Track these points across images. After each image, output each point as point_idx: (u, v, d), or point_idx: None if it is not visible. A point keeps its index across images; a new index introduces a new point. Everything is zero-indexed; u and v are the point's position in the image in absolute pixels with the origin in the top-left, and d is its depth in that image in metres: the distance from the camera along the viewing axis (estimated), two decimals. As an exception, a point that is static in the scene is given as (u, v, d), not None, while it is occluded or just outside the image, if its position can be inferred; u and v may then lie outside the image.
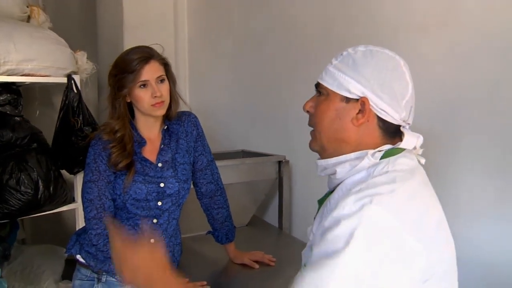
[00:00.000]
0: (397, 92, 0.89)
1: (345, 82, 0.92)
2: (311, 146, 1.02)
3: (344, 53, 0.95)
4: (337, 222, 0.79)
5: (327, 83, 0.95)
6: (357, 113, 0.91)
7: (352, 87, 0.91)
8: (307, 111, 1.01)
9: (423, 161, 0.95)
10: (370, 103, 0.90)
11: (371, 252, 0.76)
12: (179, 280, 0.95)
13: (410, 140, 0.92)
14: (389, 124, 0.91)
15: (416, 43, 1.61)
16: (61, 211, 2.16)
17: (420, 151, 0.95)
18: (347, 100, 0.92)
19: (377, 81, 0.89)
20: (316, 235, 0.93)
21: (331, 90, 0.94)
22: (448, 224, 0.91)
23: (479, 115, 1.45)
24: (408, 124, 0.94)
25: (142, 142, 1.48)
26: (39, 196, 1.96)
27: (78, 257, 1.51)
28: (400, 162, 0.89)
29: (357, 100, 0.91)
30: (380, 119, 0.91)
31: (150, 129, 1.51)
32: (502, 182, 1.39)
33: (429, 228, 0.83)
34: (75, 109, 2.07)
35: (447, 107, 1.53)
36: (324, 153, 0.99)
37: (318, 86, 0.98)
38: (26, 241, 3.18)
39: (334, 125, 0.94)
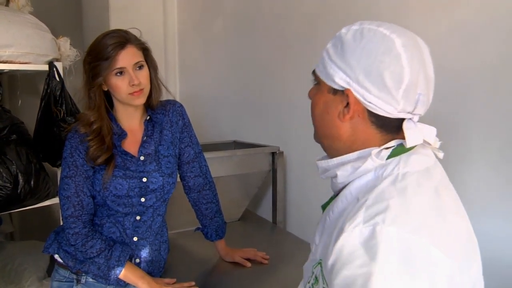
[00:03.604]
0: (387, 82, 0.74)
1: (332, 71, 0.79)
2: (314, 139, 0.92)
3: (337, 34, 0.82)
4: (344, 261, 0.68)
5: (319, 70, 0.84)
6: (345, 107, 0.79)
7: (337, 77, 0.78)
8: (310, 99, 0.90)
9: (441, 155, 0.83)
10: (356, 95, 0.76)
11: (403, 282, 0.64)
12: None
13: (413, 137, 0.77)
14: (384, 118, 0.78)
15: (420, 24, 1.51)
16: (49, 205, 2.06)
17: (438, 144, 0.82)
18: (334, 91, 0.80)
19: (363, 70, 0.75)
20: (318, 251, 0.83)
21: (321, 79, 0.83)
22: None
23: (484, 100, 1.36)
24: (418, 115, 0.79)
25: (122, 134, 1.39)
26: (19, 191, 1.86)
27: (56, 257, 1.43)
28: (414, 160, 0.77)
29: (343, 92, 0.78)
30: (371, 114, 0.78)
31: (130, 119, 1.41)
32: (509, 174, 1.30)
33: (456, 241, 0.72)
34: (57, 98, 1.97)
35: (451, 91, 1.44)
36: (323, 148, 0.89)
37: (314, 72, 0.87)
38: (15, 235, 3.11)
39: (324, 119, 0.83)
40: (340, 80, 0.78)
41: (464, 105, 1.41)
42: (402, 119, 0.78)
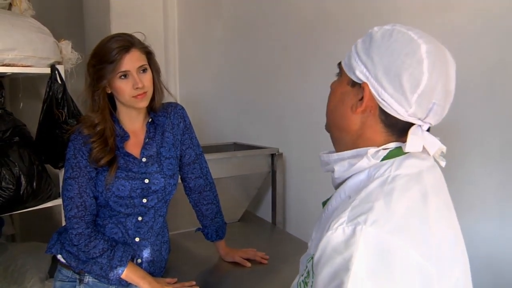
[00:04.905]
0: (404, 83, 0.75)
1: (354, 63, 0.81)
2: (325, 128, 0.94)
3: (369, 31, 0.84)
4: (327, 258, 0.70)
5: (343, 62, 0.86)
6: (359, 100, 0.81)
7: (358, 70, 0.80)
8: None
9: (443, 163, 0.84)
10: (372, 90, 0.78)
11: (377, 284, 0.66)
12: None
13: (414, 144, 0.78)
14: (394, 119, 0.79)
15: (417, 26, 1.53)
16: (51, 206, 2.08)
17: (440, 151, 0.83)
18: (353, 84, 0.82)
19: (383, 67, 0.76)
20: (312, 246, 0.85)
21: (344, 71, 0.85)
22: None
23: (480, 103, 1.37)
24: (429, 124, 0.80)
25: (125, 136, 1.41)
26: (21, 192, 1.87)
27: (59, 257, 1.44)
28: (407, 164, 0.78)
29: (361, 85, 0.80)
30: (382, 111, 0.79)
31: (133, 122, 1.43)
32: (505, 176, 1.32)
33: (438, 245, 0.73)
34: (59, 101, 1.99)
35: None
36: (332, 139, 0.91)
37: (339, 64, 0.89)
38: (16, 236, 3.11)
39: (337, 109, 0.86)
40: (360, 73, 0.80)
41: (461, 107, 1.41)
42: (411, 124, 0.79)
